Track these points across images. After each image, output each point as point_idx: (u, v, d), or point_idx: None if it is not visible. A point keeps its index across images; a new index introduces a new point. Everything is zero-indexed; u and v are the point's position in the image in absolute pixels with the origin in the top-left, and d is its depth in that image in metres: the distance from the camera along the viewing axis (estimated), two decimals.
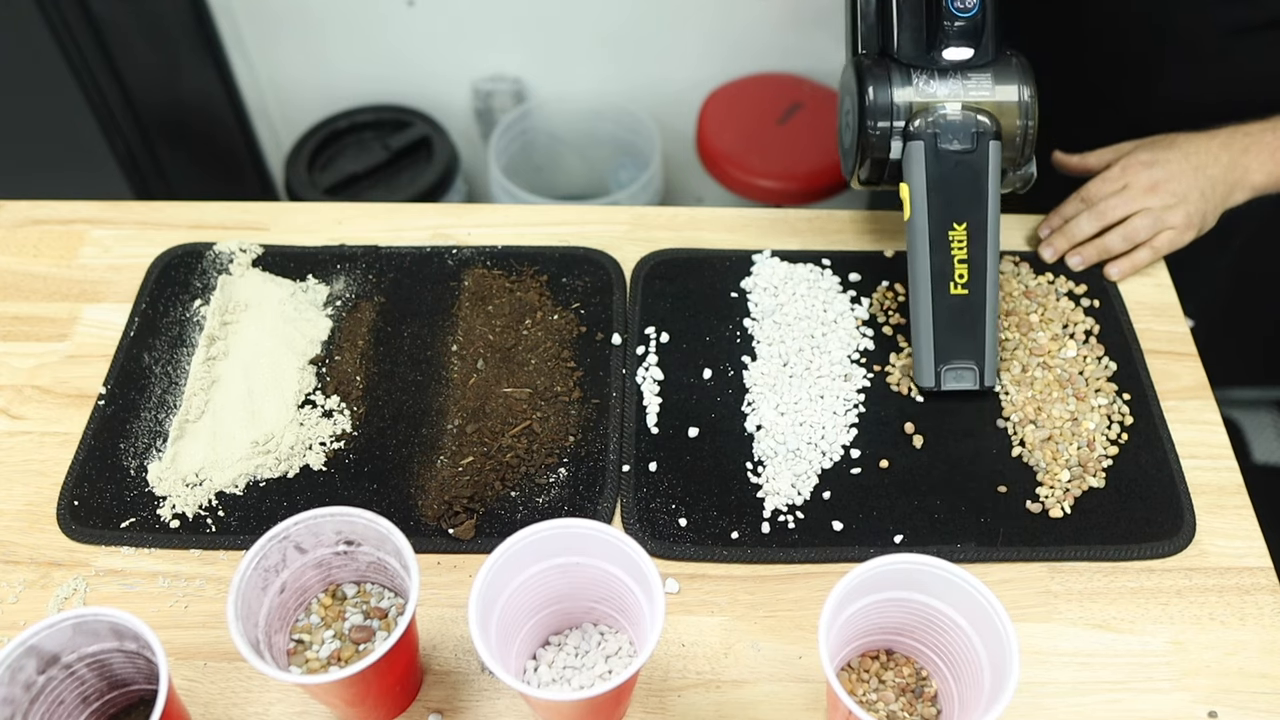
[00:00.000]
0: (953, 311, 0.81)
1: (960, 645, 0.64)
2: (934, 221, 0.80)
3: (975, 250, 0.80)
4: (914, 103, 0.80)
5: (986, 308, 0.81)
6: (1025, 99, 0.80)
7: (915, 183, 0.80)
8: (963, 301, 0.80)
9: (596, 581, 0.66)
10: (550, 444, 0.81)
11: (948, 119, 0.79)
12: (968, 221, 0.80)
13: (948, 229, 0.80)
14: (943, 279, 0.80)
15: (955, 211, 0.80)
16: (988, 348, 0.82)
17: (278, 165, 2.04)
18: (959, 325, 0.81)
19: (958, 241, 0.80)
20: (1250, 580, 0.75)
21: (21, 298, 0.93)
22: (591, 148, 2.03)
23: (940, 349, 0.81)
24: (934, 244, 0.80)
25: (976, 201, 0.80)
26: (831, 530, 0.77)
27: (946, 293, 0.80)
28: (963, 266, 0.80)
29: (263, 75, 1.93)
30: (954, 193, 0.80)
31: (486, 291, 0.91)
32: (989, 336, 0.82)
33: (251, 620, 0.62)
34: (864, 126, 0.81)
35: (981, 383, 0.82)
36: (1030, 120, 0.81)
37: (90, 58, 1.49)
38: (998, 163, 0.80)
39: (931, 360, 0.82)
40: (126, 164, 1.60)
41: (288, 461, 0.81)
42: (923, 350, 0.82)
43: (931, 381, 0.82)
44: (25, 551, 0.77)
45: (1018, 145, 0.81)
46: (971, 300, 0.81)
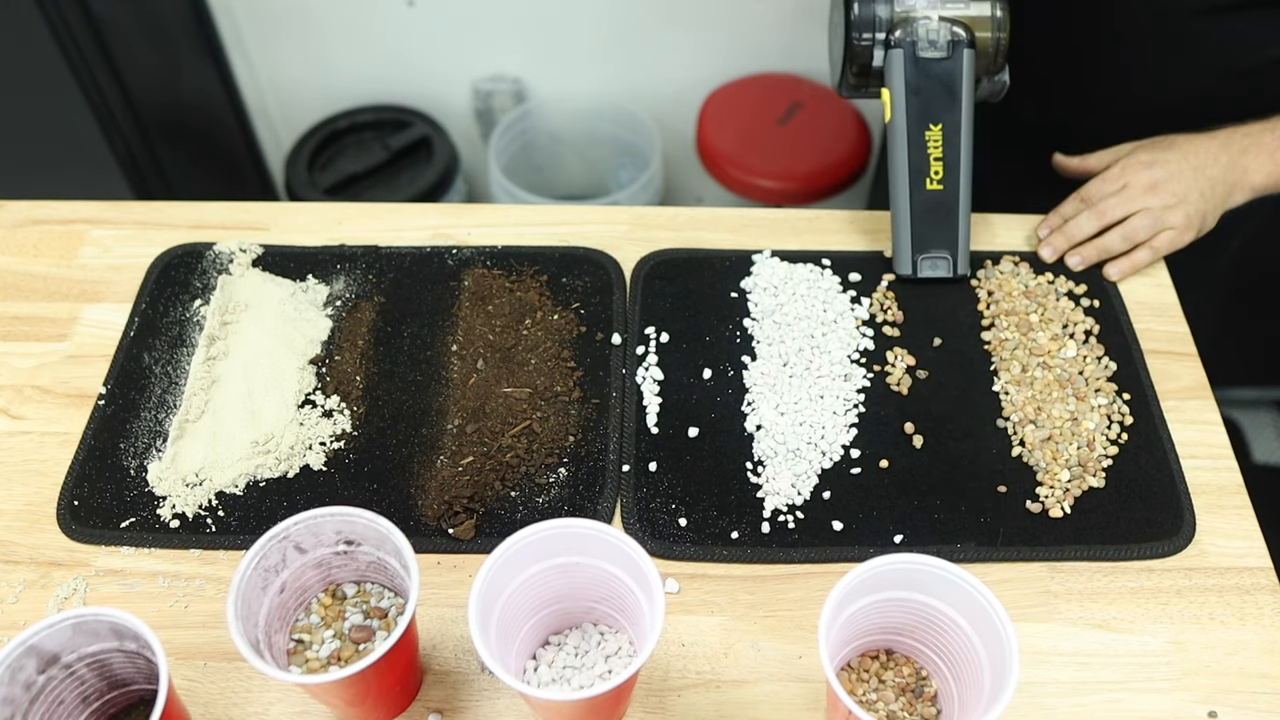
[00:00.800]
0: (929, 205, 0.87)
1: (960, 645, 0.64)
2: (912, 122, 0.86)
3: (950, 150, 0.87)
4: (895, 15, 0.86)
5: (960, 202, 0.88)
6: (997, 13, 0.87)
7: (895, 87, 0.87)
8: (938, 196, 0.87)
9: (596, 581, 0.66)
10: (550, 444, 0.81)
11: (925, 29, 0.86)
12: (943, 123, 0.87)
13: (924, 129, 0.86)
14: (920, 175, 0.87)
15: (932, 114, 0.87)
16: (960, 238, 0.88)
17: (278, 165, 2.04)
18: (934, 218, 0.87)
19: (934, 141, 0.86)
20: (1250, 580, 0.75)
21: (21, 298, 0.93)
22: (591, 148, 2.03)
23: (917, 238, 0.88)
24: (912, 143, 0.87)
25: (951, 105, 0.87)
26: (831, 530, 0.77)
27: (923, 187, 0.87)
28: (938, 164, 0.87)
29: (263, 75, 1.93)
30: (930, 96, 0.86)
31: (486, 291, 0.91)
32: (962, 228, 0.89)
33: (251, 620, 0.62)
34: (850, 38, 0.87)
35: (955, 270, 0.89)
36: (1002, 32, 0.87)
37: (90, 58, 1.49)
38: (971, 70, 0.87)
39: (909, 249, 0.88)
40: (126, 164, 1.60)
41: (288, 461, 0.81)
42: (901, 240, 0.89)
43: (909, 269, 0.89)
44: (25, 551, 0.77)
45: (990, 55, 0.87)
46: (946, 195, 0.87)
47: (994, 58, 0.87)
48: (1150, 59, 0.96)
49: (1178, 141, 0.91)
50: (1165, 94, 0.96)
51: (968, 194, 0.88)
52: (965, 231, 0.89)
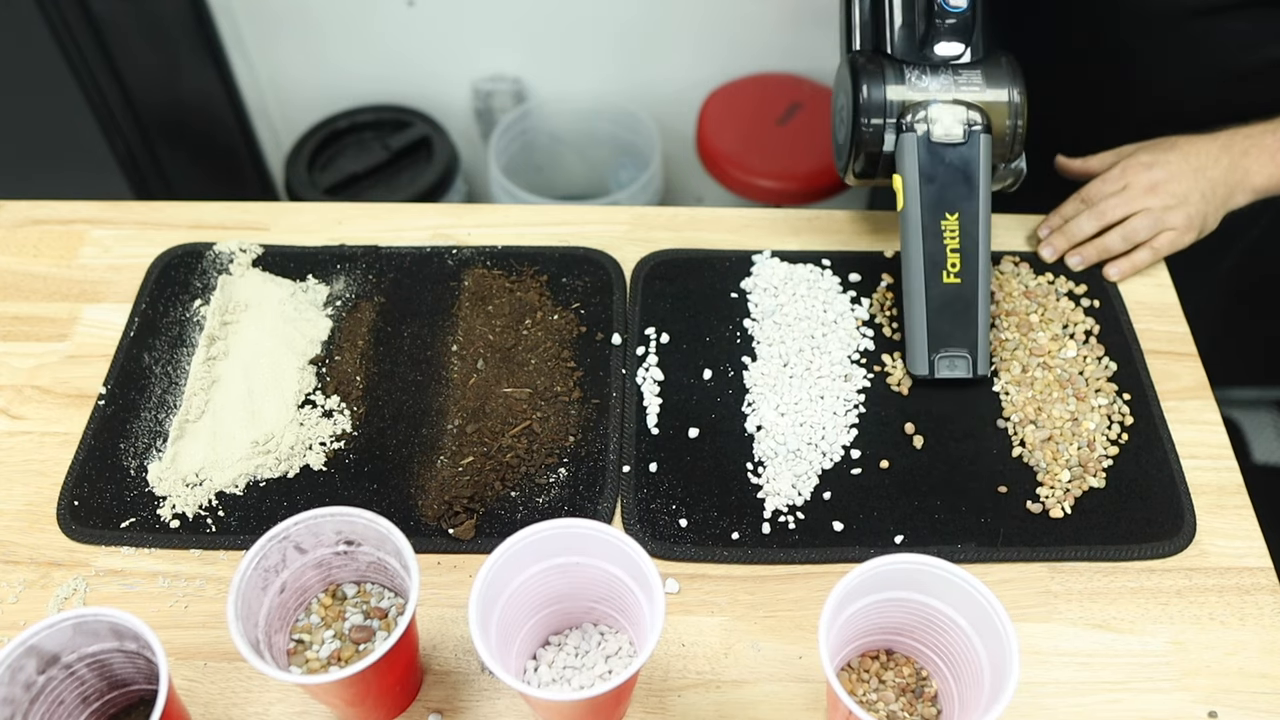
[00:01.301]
0: (945, 300, 0.82)
1: (960, 645, 0.64)
2: (927, 211, 0.82)
3: (967, 241, 0.82)
4: (907, 99, 0.82)
5: (979, 296, 0.83)
6: (1015, 99, 0.82)
7: (908, 174, 0.82)
8: (955, 290, 0.82)
9: (596, 581, 0.66)
10: (550, 444, 0.81)
11: (939, 113, 0.81)
12: (960, 212, 0.82)
13: (940, 219, 0.82)
14: (935, 268, 0.82)
15: (947, 202, 0.82)
16: (980, 336, 0.83)
17: (278, 165, 2.04)
18: (952, 313, 0.83)
19: (950, 231, 0.82)
20: (1250, 580, 0.75)
21: (21, 298, 0.93)
22: (591, 148, 2.03)
23: (934, 336, 0.83)
24: (927, 233, 0.82)
25: (968, 193, 0.82)
26: (832, 530, 0.77)
27: (940, 281, 0.82)
28: (955, 256, 0.82)
29: (263, 75, 1.93)
30: (946, 184, 0.82)
31: (486, 291, 0.91)
32: (981, 325, 0.83)
33: (251, 620, 0.62)
34: (858, 122, 0.82)
35: (974, 371, 0.83)
36: (1019, 119, 0.83)
37: (90, 58, 1.49)
38: (988, 156, 0.82)
39: (925, 348, 0.83)
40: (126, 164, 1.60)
41: (288, 461, 0.81)
42: (916, 338, 0.83)
43: (925, 369, 0.83)
44: (25, 551, 0.77)
45: (1007, 142, 0.83)
46: (964, 289, 0.82)
47: (1011, 144, 0.83)
48: (1149, 60, 0.96)
49: (1178, 143, 0.91)
50: (1165, 95, 0.96)
51: (986, 287, 0.83)
52: (985, 328, 0.83)
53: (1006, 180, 0.87)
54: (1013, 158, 0.85)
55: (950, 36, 0.81)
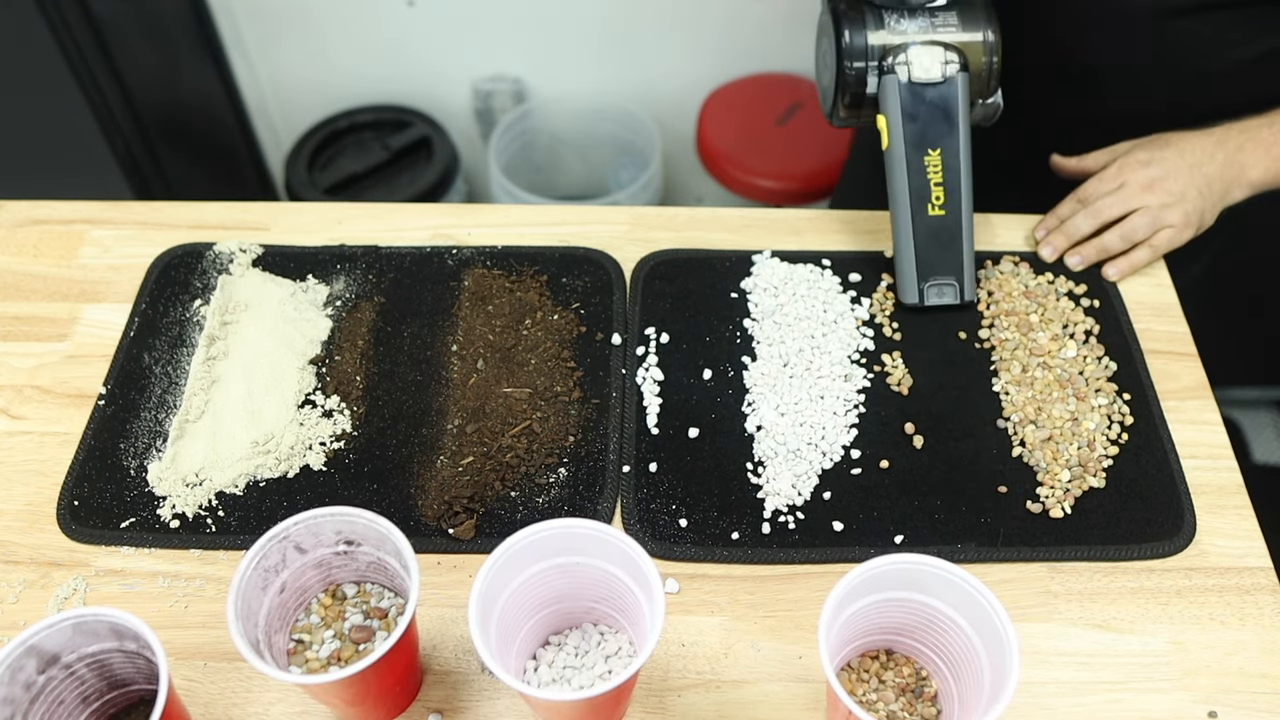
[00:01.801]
0: (931, 231, 0.86)
1: (960, 645, 0.64)
2: (910, 149, 0.86)
3: (950, 175, 0.86)
4: (887, 43, 0.85)
5: (963, 227, 0.86)
6: (989, 38, 0.86)
7: (891, 114, 0.85)
8: (940, 221, 0.86)
9: (596, 581, 0.66)
10: (550, 444, 0.81)
11: (918, 54, 0.85)
12: (941, 148, 0.86)
13: (923, 155, 0.85)
14: (921, 201, 0.86)
15: (929, 139, 0.86)
16: (966, 264, 0.87)
17: (278, 165, 2.04)
18: (938, 244, 0.86)
19: (933, 166, 0.85)
20: (1250, 580, 0.75)
21: (21, 298, 0.93)
22: (591, 148, 2.03)
23: (922, 265, 0.87)
24: (911, 169, 0.86)
25: (949, 130, 0.86)
26: (832, 530, 0.77)
27: (925, 214, 0.86)
28: (939, 189, 0.86)
29: (263, 75, 1.93)
30: (927, 122, 0.85)
31: (486, 291, 0.91)
32: (966, 254, 0.87)
33: (251, 620, 0.62)
34: (842, 67, 0.86)
35: (961, 296, 0.87)
36: (994, 56, 0.86)
37: (90, 58, 1.49)
38: (966, 93, 0.86)
39: (914, 277, 0.87)
40: (126, 164, 1.60)
41: (288, 461, 0.81)
42: (905, 269, 0.87)
43: (915, 297, 0.87)
44: (25, 551, 0.77)
45: (984, 79, 0.87)
46: (948, 220, 0.86)
47: (987, 81, 0.87)
48: (1121, 62, 0.95)
49: (1174, 139, 0.91)
50: (1139, 97, 0.96)
51: (970, 218, 0.87)
52: (970, 256, 0.88)
53: (982, 117, 0.89)
54: (989, 94, 0.88)
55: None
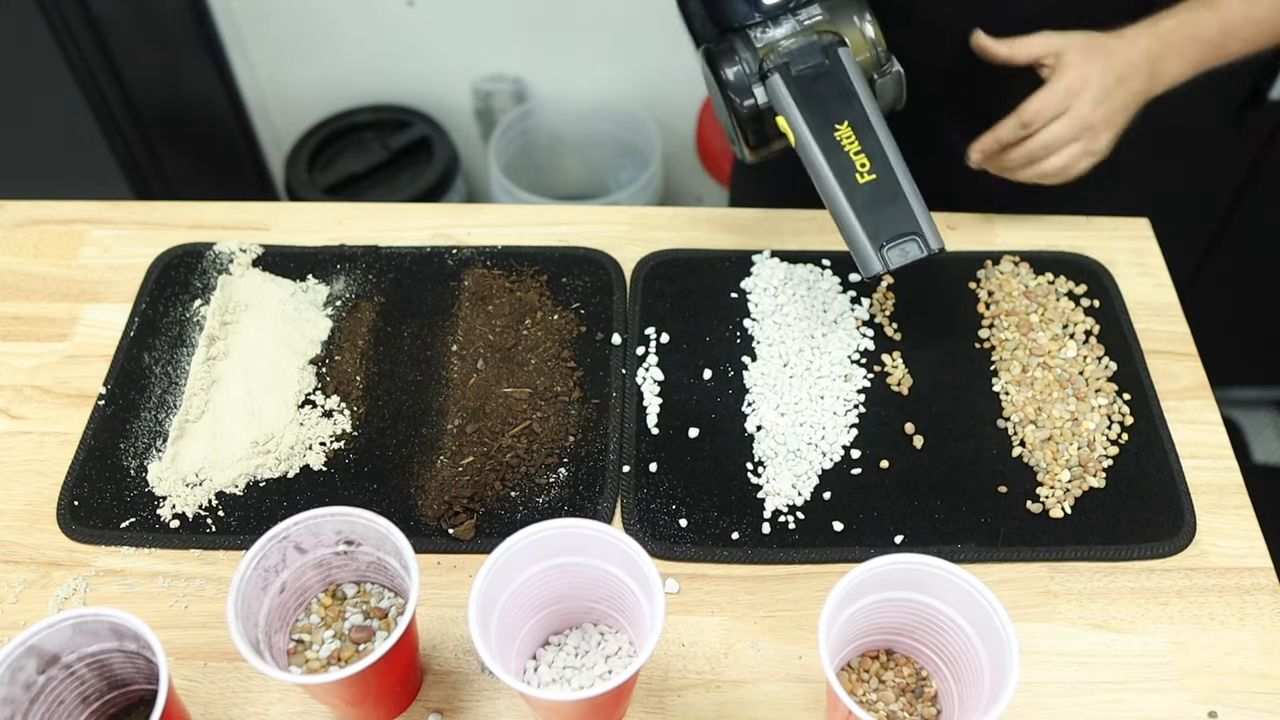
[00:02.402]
0: (868, 197, 0.79)
1: (960, 645, 0.64)
2: (817, 131, 0.81)
3: (866, 141, 0.81)
4: (761, 55, 0.83)
5: (901, 182, 0.80)
6: (860, 11, 0.83)
7: (787, 109, 0.81)
8: (873, 186, 0.80)
9: (596, 581, 0.66)
10: (550, 444, 0.81)
11: (792, 46, 0.82)
12: (848, 120, 0.81)
13: (832, 131, 0.81)
14: (846, 173, 0.80)
15: (834, 116, 0.81)
16: (918, 214, 0.79)
17: (278, 165, 2.04)
18: (879, 205, 0.79)
19: (846, 139, 0.81)
20: (1250, 580, 0.75)
21: (21, 298, 0.93)
22: (591, 148, 2.03)
23: (870, 230, 0.79)
24: (825, 149, 0.81)
25: (849, 102, 0.82)
26: (832, 530, 0.77)
27: (855, 184, 0.80)
28: (860, 157, 0.81)
29: (263, 75, 1.93)
30: (825, 101, 0.82)
31: (486, 291, 0.91)
32: (915, 203, 0.79)
33: (251, 620, 0.62)
34: (731, 103, 0.83)
35: (927, 246, 0.78)
36: (867, 21, 0.83)
37: (90, 58, 1.49)
38: (853, 63, 0.82)
39: (868, 244, 0.79)
40: (126, 164, 1.60)
41: (288, 461, 0.81)
42: (856, 241, 0.79)
43: (878, 264, 0.78)
44: (25, 551, 0.77)
45: (870, 53, 0.83)
46: (882, 182, 0.80)
47: (875, 53, 0.84)
48: None
49: (1108, 49, 0.85)
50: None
51: (906, 173, 0.80)
52: (920, 207, 0.80)
53: (890, 96, 0.86)
54: (884, 64, 0.84)
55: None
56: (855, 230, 0.79)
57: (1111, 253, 0.96)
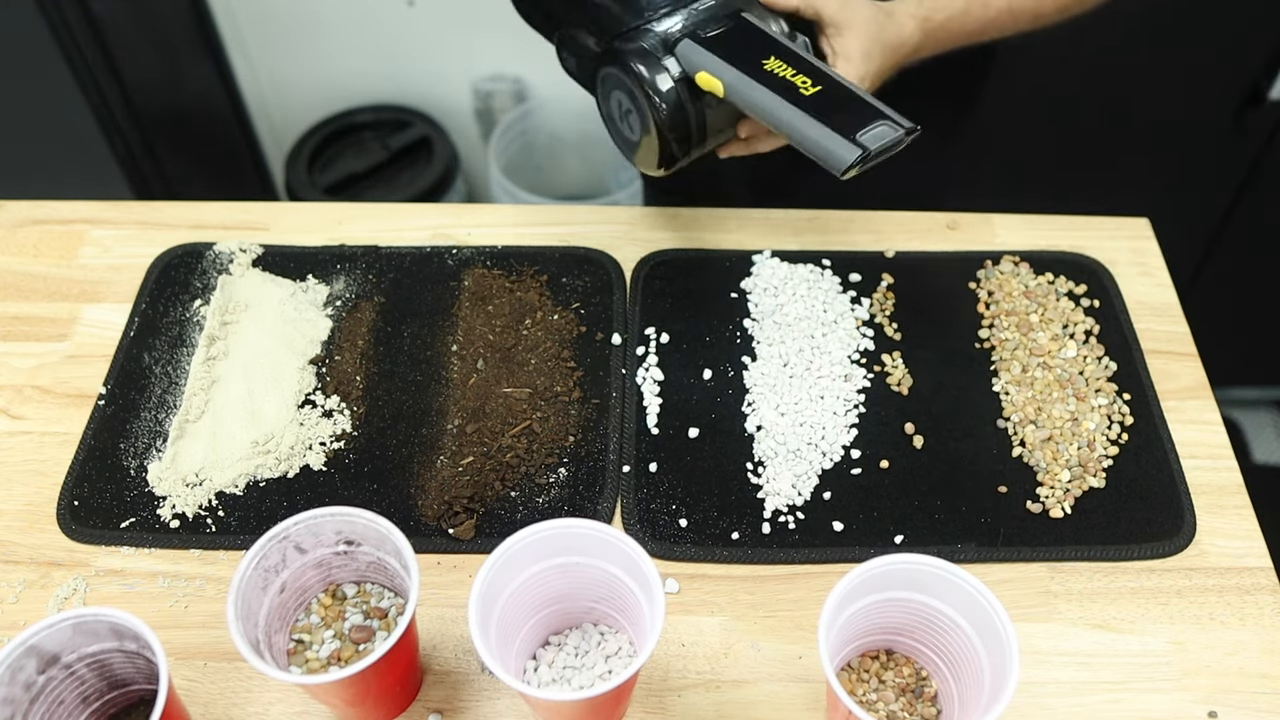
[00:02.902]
0: (821, 104, 0.73)
1: (960, 645, 0.64)
2: (747, 70, 0.75)
3: (799, 64, 0.76)
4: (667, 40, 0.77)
5: (848, 86, 0.74)
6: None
7: (706, 61, 0.76)
8: (821, 94, 0.73)
9: (596, 581, 0.66)
10: (550, 444, 0.81)
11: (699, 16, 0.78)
12: (773, 54, 0.76)
13: (760, 67, 0.76)
14: (791, 92, 0.74)
15: (757, 54, 0.76)
16: (878, 105, 0.73)
17: (278, 165, 2.04)
18: (835, 106, 0.73)
19: (779, 68, 0.75)
20: (1250, 580, 0.75)
21: (21, 298, 0.93)
22: (591, 148, 2.02)
23: (837, 126, 0.71)
24: (760, 79, 0.74)
25: (768, 39, 0.77)
26: (832, 530, 0.77)
27: (803, 97, 0.73)
28: (799, 78, 0.75)
29: (263, 75, 1.93)
30: (742, 48, 0.77)
31: (486, 291, 0.91)
32: (870, 99, 0.73)
33: (251, 620, 0.62)
34: (656, 105, 0.76)
35: (902, 127, 0.71)
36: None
37: (90, 58, 1.49)
38: (763, 22, 0.79)
39: (839, 137, 0.71)
40: (126, 164, 1.60)
41: (288, 461, 0.81)
42: (822, 136, 0.71)
43: (854, 152, 0.70)
44: (25, 551, 0.77)
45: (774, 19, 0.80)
46: (829, 90, 0.74)
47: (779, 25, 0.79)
48: None
49: (883, 39, 0.81)
50: None
51: (851, 80, 0.75)
52: (875, 100, 0.73)
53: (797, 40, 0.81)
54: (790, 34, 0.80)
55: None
56: (818, 130, 0.72)
57: (1111, 253, 0.96)
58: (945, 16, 0.84)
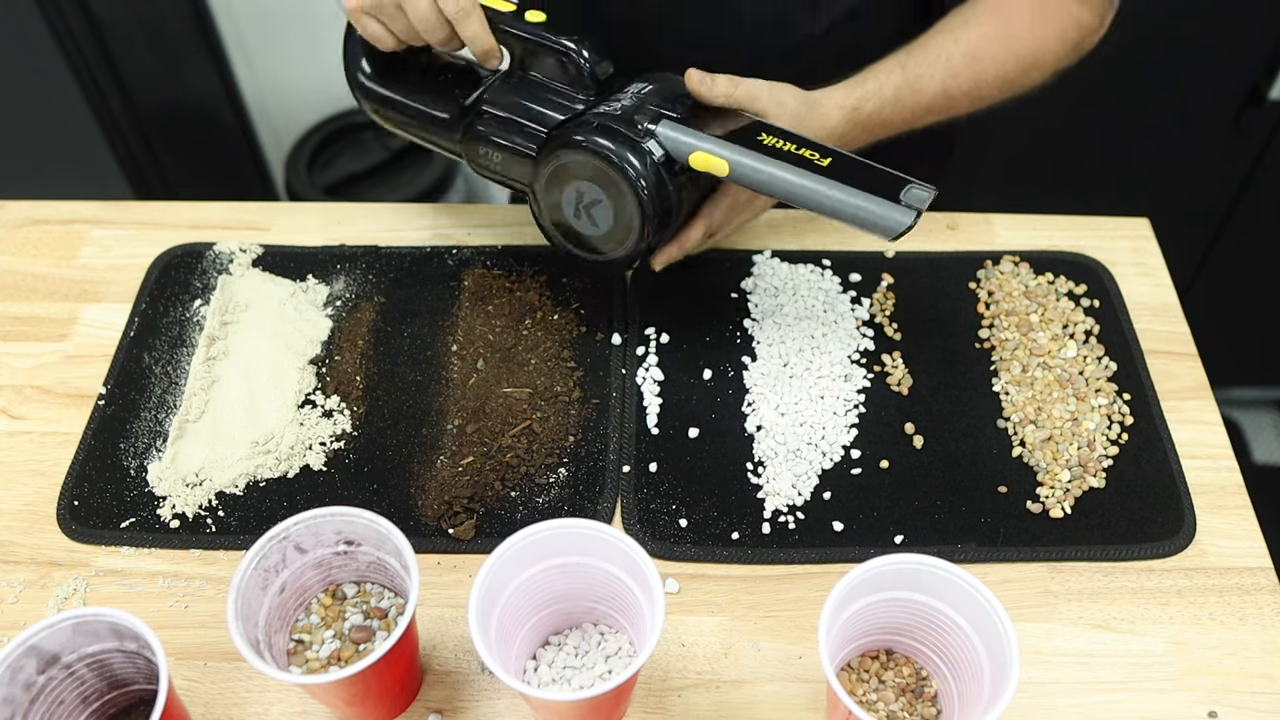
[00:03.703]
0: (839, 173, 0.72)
1: (960, 645, 0.64)
2: (745, 147, 0.73)
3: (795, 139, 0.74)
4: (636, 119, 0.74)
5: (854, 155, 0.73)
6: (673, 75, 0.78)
7: (699, 140, 0.73)
8: (836, 164, 0.72)
9: (596, 581, 0.66)
10: (550, 444, 0.81)
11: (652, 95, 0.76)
12: (762, 132, 0.74)
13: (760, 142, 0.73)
14: (806, 164, 0.72)
15: (749, 131, 0.75)
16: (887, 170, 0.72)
17: (278, 165, 2.04)
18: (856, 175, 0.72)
19: (776, 143, 0.73)
20: (1250, 580, 0.75)
21: (21, 298, 0.93)
22: None
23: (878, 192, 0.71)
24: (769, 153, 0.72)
25: (741, 118, 0.76)
26: (832, 530, 0.77)
27: (822, 168, 0.72)
28: (804, 151, 0.73)
29: (263, 75, 1.93)
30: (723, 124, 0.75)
31: (486, 291, 0.91)
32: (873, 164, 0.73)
33: (251, 620, 0.62)
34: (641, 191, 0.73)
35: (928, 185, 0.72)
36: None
37: (90, 58, 1.49)
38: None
39: (887, 203, 0.70)
40: (126, 164, 1.60)
41: (288, 461, 0.81)
42: (866, 204, 0.70)
43: (906, 216, 0.70)
44: (25, 551, 0.77)
45: None
46: (840, 159, 0.73)
47: None
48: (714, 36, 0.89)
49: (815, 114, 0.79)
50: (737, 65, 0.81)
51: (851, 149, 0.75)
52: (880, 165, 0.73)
53: None
54: None
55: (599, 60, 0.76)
56: (859, 199, 0.71)
57: (1111, 253, 0.96)
58: (875, 106, 0.81)
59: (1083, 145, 1.51)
